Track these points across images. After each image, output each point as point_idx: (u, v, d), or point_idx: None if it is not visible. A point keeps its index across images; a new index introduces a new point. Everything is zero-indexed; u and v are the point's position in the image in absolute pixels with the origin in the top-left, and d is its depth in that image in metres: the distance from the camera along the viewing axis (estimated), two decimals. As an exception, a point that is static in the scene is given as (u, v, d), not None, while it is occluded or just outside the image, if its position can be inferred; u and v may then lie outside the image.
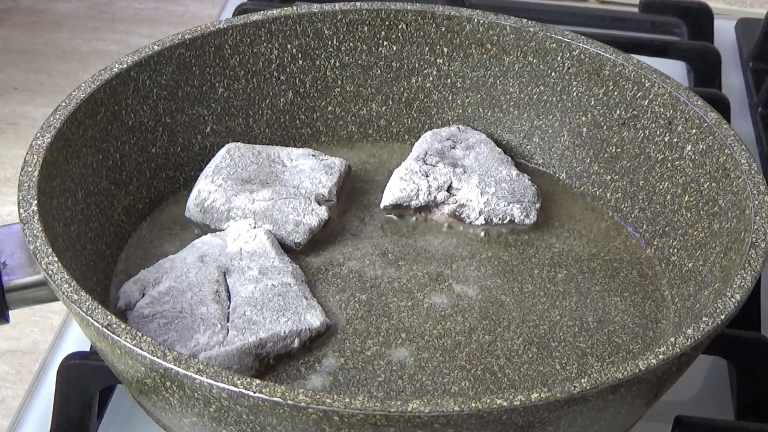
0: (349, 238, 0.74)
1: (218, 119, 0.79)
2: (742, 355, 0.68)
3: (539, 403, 0.51)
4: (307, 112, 0.82)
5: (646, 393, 0.58)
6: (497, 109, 0.82)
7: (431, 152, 0.77)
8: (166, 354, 0.52)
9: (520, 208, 0.74)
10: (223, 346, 0.62)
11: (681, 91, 0.74)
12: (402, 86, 0.82)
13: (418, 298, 0.70)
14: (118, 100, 0.73)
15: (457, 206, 0.74)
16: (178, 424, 0.58)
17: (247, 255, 0.68)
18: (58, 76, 1.22)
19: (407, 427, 0.51)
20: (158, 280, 0.66)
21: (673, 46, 0.99)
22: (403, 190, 0.75)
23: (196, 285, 0.65)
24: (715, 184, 0.69)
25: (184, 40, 0.76)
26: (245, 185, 0.73)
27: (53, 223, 0.63)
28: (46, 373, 0.70)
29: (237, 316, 0.64)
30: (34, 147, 0.65)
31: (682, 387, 0.65)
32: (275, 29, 0.79)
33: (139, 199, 0.75)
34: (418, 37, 0.81)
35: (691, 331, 0.56)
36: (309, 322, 0.65)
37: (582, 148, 0.79)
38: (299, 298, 0.66)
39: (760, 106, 0.97)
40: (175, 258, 0.68)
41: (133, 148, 0.74)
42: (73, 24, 1.31)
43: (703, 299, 0.65)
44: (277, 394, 0.51)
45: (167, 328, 0.63)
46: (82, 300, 0.56)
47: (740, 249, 0.63)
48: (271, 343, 0.63)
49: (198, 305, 0.64)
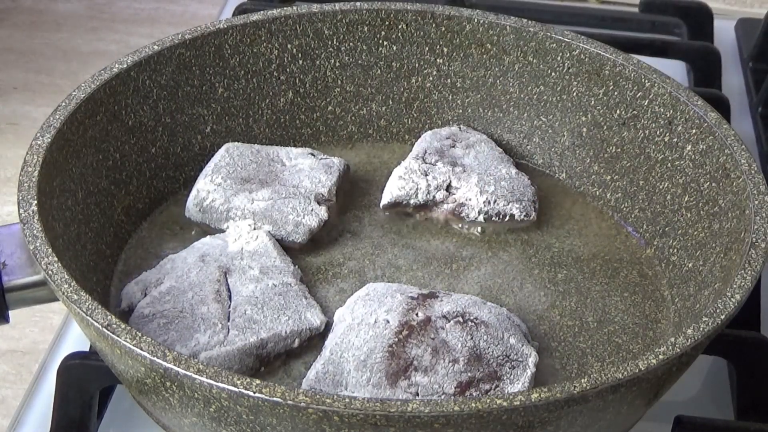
0: (349, 238, 0.74)
1: (218, 119, 0.79)
2: (742, 355, 0.68)
3: (539, 403, 0.51)
4: (307, 112, 0.82)
5: (646, 393, 0.58)
6: (497, 109, 0.82)
7: (430, 151, 0.77)
8: (166, 354, 0.52)
9: (520, 206, 0.74)
10: (224, 345, 0.62)
11: (681, 91, 0.74)
12: (402, 86, 0.82)
13: (418, 298, 0.70)
14: (118, 100, 0.73)
15: (457, 205, 0.74)
16: (178, 424, 0.58)
17: (248, 255, 0.68)
18: (58, 76, 1.22)
19: (407, 427, 0.51)
20: (160, 280, 0.66)
21: (673, 46, 0.99)
22: (402, 189, 0.75)
23: (197, 285, 0.66)
24: (715, 184, 0.69)
25: (184, 40, 0.76)
26: (244, 184, 0.73)
27: (53, 223, 0.63)
28: (46, 373, 0.70)
29: (237, 315, 0.64)
30: (34, 147, 0.65)
31: (682, 387, 0.65)
32: (275, 29, 0.79)
33: (139, 199, 0.75)
34: (418, 37, 0.81)
35: (691, 331, 0.56)
36: (309, 321, 0.65)
37: (582, 148, 0.79)
38: (299, 297, 0.66)
39: (760, 106, 0.97)
40: (176, 258, 0.68)
41: (133, 148, 0.74)
42: (73, 24, 1.31)
43: (703, 299, 0.65)
44: (277, 394, 0.51)
45: (167, 328, 0.63)
46: (82, 300, 0.56)
47: (740, 249, 0.63)
48: (272, 343, 0.63)
49: (199, 305, 0.64)
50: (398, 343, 0.61)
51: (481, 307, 0.64)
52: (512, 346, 0.62)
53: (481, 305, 0.65)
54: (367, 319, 0.63)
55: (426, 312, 0.63)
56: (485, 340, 0.62)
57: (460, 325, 0.62)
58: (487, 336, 0.62)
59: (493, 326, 0.63)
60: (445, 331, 0.62)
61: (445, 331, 0.62)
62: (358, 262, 0.72)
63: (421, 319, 0.63)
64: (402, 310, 0.63)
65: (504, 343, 0.62)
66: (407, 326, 0.62)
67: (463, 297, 0.65)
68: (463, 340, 0.62)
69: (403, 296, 0.65)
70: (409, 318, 0.63)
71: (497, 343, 0.62)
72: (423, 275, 0.71)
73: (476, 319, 0.63)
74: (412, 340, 0.61)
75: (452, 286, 0.70)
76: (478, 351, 0.62)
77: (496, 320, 0.64)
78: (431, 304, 0.64)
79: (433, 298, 0.65)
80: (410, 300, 0.64)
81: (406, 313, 0.63)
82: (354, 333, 0.63)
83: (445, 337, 0.62)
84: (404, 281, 0.71)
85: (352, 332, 0.63)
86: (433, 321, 0.63)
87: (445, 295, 0.65)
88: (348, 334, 0.63)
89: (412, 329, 0.62)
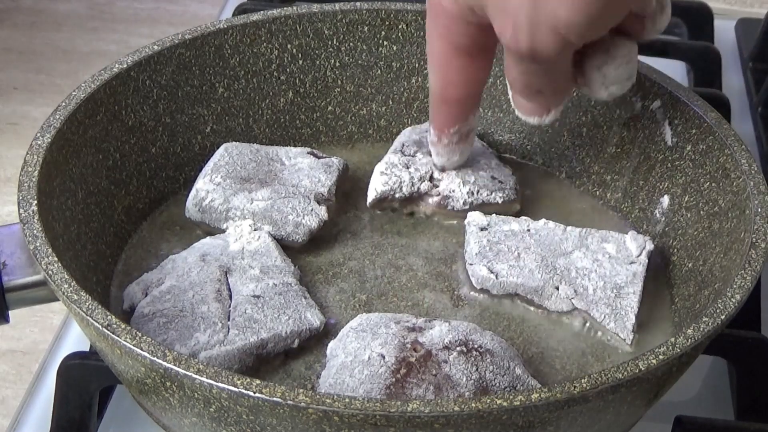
0: (349, 238, 0.74)
1: (218, 119, 0.79)
2: (742, 355, 0.68)
3: (539, 403, 0.51)
4: (307, 112, 0.82)
5: (646, 393, 0.58)
6: (497, 109, 0.82)
7: (408, 143, 0.77)
8: (166, 354, 0.52)
9: (503, 195, 0.74)
10: (224, 345, 0.62)
11: (681, 91, 0.74)
12: (402, 86, 0.82)
13: (418, 298, 0.70)
14: (118, 100, 0.73)
15: (442, 198, 0.74)
16: (178, 424, 0.58)
17: (249, 254, 0.68)
18: (58, 76, 1.22)
19: (407, 427, 0.51)
20: (161, 280, 0.66)
21: (673, 46, 0.99)
22: (386, 184, 0.75)
23: (197, 284, 0.66)
24: (715, 184, 0.69)
25: (184, 40, 0.76)
26: (244, 184, 0.73)
27: (53, 223, 0.63)
28: (46, 373, 0.70)
29: (238, 314, 0.64)
30: (34, 147, 0.65)
31: (682, 387, 0.65)
32: (275, 29, 0.79)
33: (139, 199, 0.75)
34: (418, 37, 0.81)
35: (691, 331, 0.56)
36: (309, 321, 0.65)
37: (582, 148, 0.79)
38: (299, 297, 0.66)
39: (760, 106, 0.97)
40: (176, 258, 0.68)
41: (133, 148, 0.74)
42: (73, 24, 1.31)
43: (703, 299, 0.65)
44: (277, 394, 0.51)
45: (167, 327, 0.63)
46: (82, 300, 0.56)
47: (740, 249, 0.63)
48: (272, 343, 0.63)
49: (199, 304, 0.64)
50: (396, 384, 0.58)
51: (482, 333, 0.62)
52: (518, 377, 0.60)
53: (482, 332, 0.62)
54: (361, 355, 0.60)
55: (425, 344, 0.60)
56: (491, 371, 0.59)
57: (464, 355, 0.59)
58: (493, 366, 0.59)
59: (499, 355, 0.60)
60: (448, 365, 0.59)
61: (448, 365, 0.59)
62: (358, 262, 0.72)
63: (421, 354, 0.59)
64: (398, 343, 0.60)
65: (510, 373, 0.59)
66: (405, 363, 0.59)
67: (462, 324, 0.62)
68: (468, 372, 0.58)
69: (399, 326, 0.61)
70: (406, 354, 0.59)
71: (503, 373, 0.59)
72: (423, 275, 0.71)
73: (480, 347, 0.60)
74: (411, 379, 0.58)
75: (452, 285, 0.70)
76: (484, 383, 0.58)
77: (500, 348, 0.61)
78: (430, 334, 0.61)
79: (430, 327, 0.62)
80: (406, 331, 0.61)
81: (403, 348, 0.60)
82: (347, 372, 0.59)
83: (449, 371, 0.58)
84: (404, 281, 0.71)
85: (346, 371, 0.59)
86: (434, 355, 0.59)
87: (443, 322, 0.62)
88: (341, 373, 0.60)
89: (411, 367, 0.59)
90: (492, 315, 0.68)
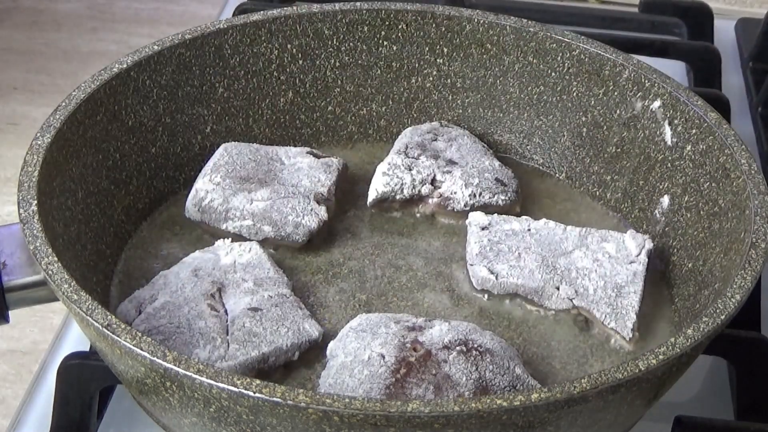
0: (349, 238, 0.74)
1: (218, 119, 0.79)
2: (742, 355, 0.68)
3: (539, 403, 0.51)
4: (307, 112, 0.82)
5: (646, 393, 0.58)
6: (497, 109, 0.82)
7: (412, 145, 0.77)
8: (166, 354, 0.52)
9: (505, 198, 0.74)
10: (225, 360, 0.61)
11: (681, 91, 0.74)
12: (402, 86, 0.82)
13: (418, 298, 0.70)
14: (118, 100, 0.73)
15: (443, 199, 0.74)
16: (178, 424, 0.58)
17: (241, 267, 0.68)
18: (58, 76, 1.22)
19: (407, 427, 0.51)
20: (154, 297, 0.66)
21: (673, 46, 0.99)
22: (387, 185, 0.75)
23: (192, 299, 0.65)
24: (715, 184, 0.69)
25: (184, 40, 0.76)
26: (243, 184, 0.73)
27: (53, 223, 0.63)
28: (46, 373, 0.70)
29: (236, 328, 0.63)
30: (34, 147, 0.65)
31: (682, 387, 0.65)
32: (275, 29, 0.79)
33: (139, 199, 0.75)
34: (418, 37, 0.81)
35: (691, 331, 0.56)
36: (308, 332, 0.64)
37: (582, 148, 0.79)
38: (295, 308, 0.65)
39: (760, 106, 0.97)
40: (168, 274, 0.68)
41: (133, 148, 0.74)
42: (73, 24, 1.31)
43: (703, 299, 0.65)
44: (277, 394, 0.51)
45: (165, 345, 0.61)
46: (82, 300, 0.56)
47: (740, 249, 0.63)
48: (273, 357, 0.63)
49: (195, 319, 0.63)
50: (396, 383, 0.58)
51: (482, 333, 0.62)
52: (518, 377, 0.60)
53: (482, 332, 0.62)
54: (360, 355, 0.60)
55: (425, 344, 0.60)
56: (491, 370, 0.59)
57: (464, 354, 0.59)
58: (493, 366, 0.59)
59: (498, 355, 0.60)
60: (447, 364, 0.59)
61: (447, 364, 0.59)
62: (358, 262, 0.72)
63: (421, 354, 0.59)
64: (398, 343, 0.60)
65: (510, 372, 0.60)
66: (405, 363, 0.59)
67: (462, 323, 0.62)
68: (468, 372, 0.59)
69: (399, 326, 0.61)
70: (406, 353, 0.59)
71: (503, 372, 0.59)
72: (423, 275, 0.71)
73: (480, 347, 0.60)
74: (411, 379, 0.58)
75: (452, 286, 0.70)
76: (484, 383, 0.59)
77: (500, 348, 0.61)
78: (429, 334, 0.61)
79: (430, 326, 0.62)
80: (406, 331, 0.61)
81: (403, 347, 0.60)
82: (347, 372, 0.59)
83: (448, 371, 0.59)
84: (404, 281, 0.71)
85: (345, 371, 0.60)
86: (434, 354, 0.59)
87: (442, 322, 0.62)
88: (341, 373, 0.60)
89: (411, 366, 0.59)
90: (492, 315, 0.68)
